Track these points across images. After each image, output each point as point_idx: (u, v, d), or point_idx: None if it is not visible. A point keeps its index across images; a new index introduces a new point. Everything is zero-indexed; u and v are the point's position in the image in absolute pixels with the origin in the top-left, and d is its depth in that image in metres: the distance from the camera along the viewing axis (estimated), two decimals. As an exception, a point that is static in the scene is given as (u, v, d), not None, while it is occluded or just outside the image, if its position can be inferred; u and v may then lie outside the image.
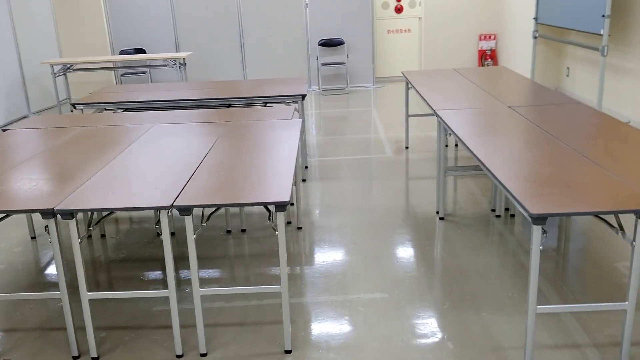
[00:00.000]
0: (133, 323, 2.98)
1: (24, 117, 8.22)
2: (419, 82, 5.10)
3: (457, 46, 9.78)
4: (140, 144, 3.40)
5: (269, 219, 2.62)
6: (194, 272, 2.57)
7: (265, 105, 5.00)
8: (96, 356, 2.68)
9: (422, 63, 9.90)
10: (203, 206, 2.45)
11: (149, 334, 2.87)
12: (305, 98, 5.71)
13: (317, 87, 9.56)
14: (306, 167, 5.46)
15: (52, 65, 8.13)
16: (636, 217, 2.24)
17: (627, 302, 2.35)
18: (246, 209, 4.44)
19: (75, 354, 2.69)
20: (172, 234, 4.11)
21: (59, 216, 2.46)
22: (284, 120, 3.86)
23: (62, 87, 8.63)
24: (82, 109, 4.92)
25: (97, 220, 2.89)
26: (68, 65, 8.34)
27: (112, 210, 2.46)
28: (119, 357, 2.70)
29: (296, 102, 4.90)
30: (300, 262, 3.58)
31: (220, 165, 2.94)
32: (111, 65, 8.91)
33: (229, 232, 4.10)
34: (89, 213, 2.56)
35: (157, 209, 2.43)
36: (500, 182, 2.56)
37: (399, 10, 9.80)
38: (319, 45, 9.36)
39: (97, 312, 3.08)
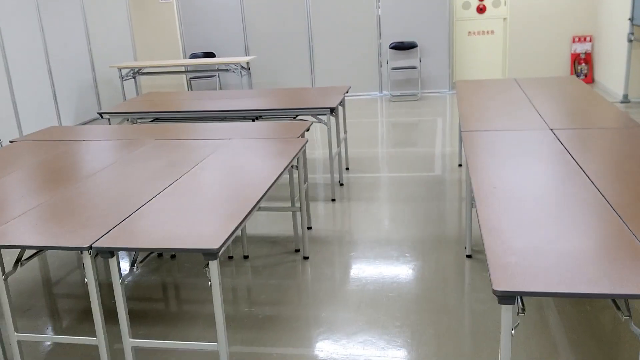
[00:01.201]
0: (86, 362, 2.73)
1: (94, 120, 8.42)
2: (467, 94, 4.52)
3: (547, 49, 8.89)
4: (118, 165, 3.16)
5: (205, 267, 2.20)
6: (122, 321, 2.27)
7: (294, 119, 4.65)
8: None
9: (507, 68, 9.10)
10: (124, 249, 2.14)
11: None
12: (334, 111, 5.33)
13: (388, 92, 9.06)
14: (341, 184, 5.04)
15: (119, 69, 8.26)
16: (645, 304, 1.66)
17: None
18: (248, 231, 4.12)
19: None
20: (230, 257, 3.86)
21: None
22: (286, 140, 3.48)
23: (134, 90, 8.77)
24: (109, 119, 4.82)
25: (27, 257, 2.67)
26: (137, 69, 8.45)
27: (37, 249, 2.21)
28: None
29: (324, 115, 4.49)
30: (291, 301, 3.19)
31: (178, 196, 2.62)
32: (178, 69, 8.94)
33: (230, 257, 3.79)
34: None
35: (76, 250, 2.15)
36: (481, 234, 2.04)
37: (481, 10, 9.06)
38: (390, 48, 8.85)
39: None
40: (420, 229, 4.01)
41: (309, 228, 4.16)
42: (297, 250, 3.81)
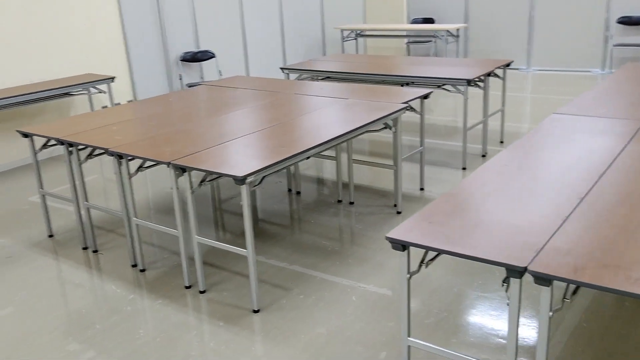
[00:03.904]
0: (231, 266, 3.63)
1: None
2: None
3: None
4: (247, 110, 3.95)
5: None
6: (191, 221, 3.07)
7: (438, 87, 4.94)
8: (203, 290, 3.24)
9: None
10: (193, 169, 2.90)
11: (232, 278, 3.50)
12: (472, 83, 5.43)
13: (609, 70, 8.37)
14: (483, 156, 5.18)
15: (341, 30, 9.15)
16: (507, 273, 1.84)
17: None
18: (367, 184, 4.61)
19: (187, 284, 3.28)
20: (298, 192, 4.60)
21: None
22: (391, 104, 3.87)
23: (360, 50, 9.61)
24: (287, 74, 5.69)
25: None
26: (358, 31, 9.26)
27: (141, 158, 3.11)
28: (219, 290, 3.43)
29: (462, 86, 4.69)
30: (360, 243, 3.68)
31: (257, 137, 3.29)
32: (395, 33, 9.48)
33: (339, 201, 4.37)
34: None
35: (161, 164, 2.99)
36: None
37: None
38: (617, 22, 8.12)
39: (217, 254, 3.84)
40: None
41: (422, 189, 4.51)
42: (395, 205, 4.22)
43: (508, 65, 5.24)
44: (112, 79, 5.84)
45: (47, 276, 3.52)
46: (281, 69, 5.72)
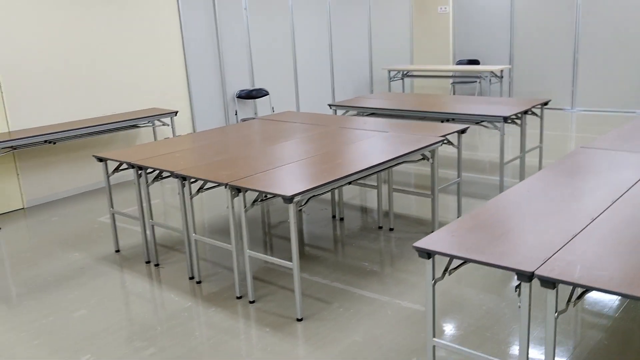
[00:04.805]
0: (277, 279, 3.99)
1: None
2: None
3: None
4: (297, 141, 4.34)
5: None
6: (244, 237, 3.44)
7: (477, 124, 5.22)
8: (252, 300, 3.61)
9: None
10: (247, 189, 3.28)
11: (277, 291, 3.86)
12: (509, 120, 5.66)
13: (655, 111, 8.45)
14: (520, 190, 5.38)
15: (389, 71, 9.56)
16: (516, 276, 2.10)
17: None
18: (408, 213, 4.89)
19: (238, 295, 3.68)
20: (342, 219, 4.92)
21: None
22: (428, 138, 4.19)
23: (406, 90, 10.00)
24: (335, 110, 6.08)
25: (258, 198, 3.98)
26: (405, 72, 9.65)
27: (203, 180, 3.51)
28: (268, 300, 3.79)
29: (498, 122, 4.96)
30: (396, 266, 3.96)
31: (309, 162, 3.65)
32: (441, 73, 9.82)
33: (380, 227, 4.67)
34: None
35: (218, 185, 3.38)
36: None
37: None
38: (662, 64, 8.23)
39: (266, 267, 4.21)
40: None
41: (455, 217, 4.76)
42: (432, 232, 4.48)
43: (546, 104, 5.48)
44: (175, 113, 6.38)
45: (114, 285, 3.93)
46: (329, 105, 6.12)
